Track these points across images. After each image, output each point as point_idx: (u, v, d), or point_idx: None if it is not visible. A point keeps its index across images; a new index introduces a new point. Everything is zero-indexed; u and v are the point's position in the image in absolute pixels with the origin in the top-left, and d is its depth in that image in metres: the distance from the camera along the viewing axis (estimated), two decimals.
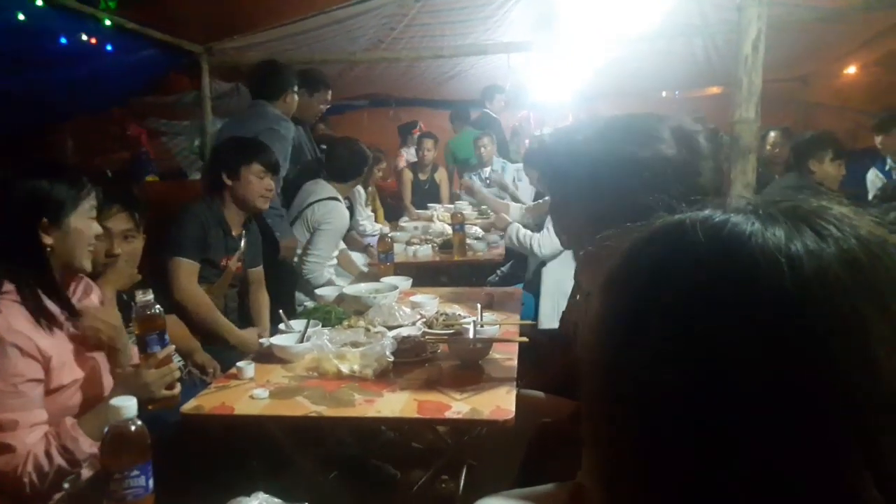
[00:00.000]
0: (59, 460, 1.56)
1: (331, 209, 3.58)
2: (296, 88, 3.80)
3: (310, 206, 3.56)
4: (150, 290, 1.75)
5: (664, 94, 8.67)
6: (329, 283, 3.47)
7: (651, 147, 1.13)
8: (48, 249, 1.65)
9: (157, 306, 1.74)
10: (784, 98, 7.03)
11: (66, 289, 1.76)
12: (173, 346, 1.83)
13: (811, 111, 7.58)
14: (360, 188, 5.05)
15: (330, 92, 4.33)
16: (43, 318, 1.63)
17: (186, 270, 2.69)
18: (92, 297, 1.89)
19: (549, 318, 3.25)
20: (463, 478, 2.58)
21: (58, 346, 1.66)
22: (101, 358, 1.81)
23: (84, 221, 1.71)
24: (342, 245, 3.90)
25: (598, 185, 1.15)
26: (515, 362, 2.15)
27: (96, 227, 1.76)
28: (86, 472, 1.66)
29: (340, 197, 3.66)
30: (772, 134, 5.22)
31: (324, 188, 3.65)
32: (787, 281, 0.44)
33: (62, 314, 1.70)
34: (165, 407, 1.75)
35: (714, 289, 0.46)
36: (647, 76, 6.87)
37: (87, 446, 1.60)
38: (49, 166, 1.74)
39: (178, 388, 1.77)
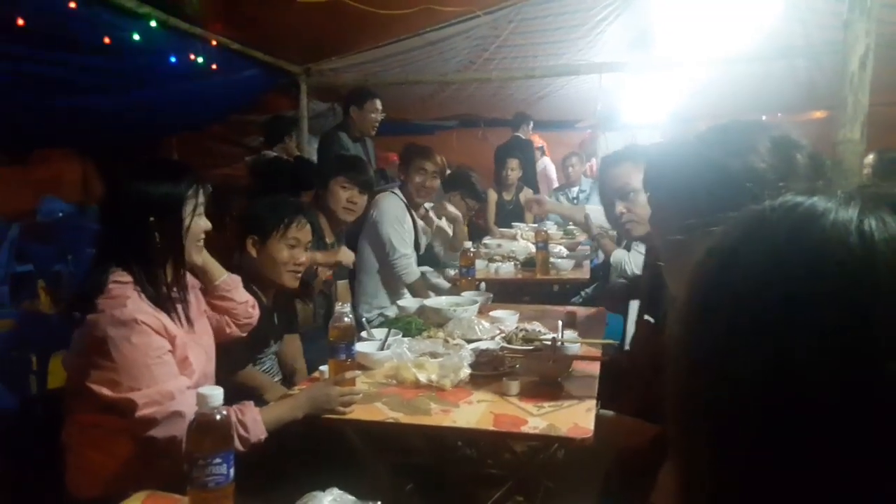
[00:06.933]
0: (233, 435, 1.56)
1: (382, 198, 3.72)
2: None
3: (374, 204, 3.67)
4: (348, 304, 2.00)
5: (764, 117, 8.37)
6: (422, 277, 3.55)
7: (742, 157, 1.07)
8: (157, 244, 1.74)
9: (351, 317, 1.98)
10: (890, 123, 6.62)
11: (176, 281, 1.83)
12: (359, 372, 2.05)
13: None
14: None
15: (378, 101, 4.48)
16: (161, 301, 1.74)
17: None
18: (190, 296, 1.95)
19: None
20: (539, 500, 2.53)
21: (176, 327, 1.76)
22: (207, 344, 1.90)
23: (191, 218, 1.80)
24: (421, 269, 3.93)
25: (692, 191, 1.11)
26: (597, 381, 2.10)
27: (205, 224, 1.85)
28: None
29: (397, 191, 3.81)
30: (870, 157, 4.90)
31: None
32: (855, 248, 0.43)
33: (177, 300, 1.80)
34: None
35: (783, 263, 0.45)
36: (745, 98, 6.65)
37: (260, 432, 1.67)
38: (158, 167, 1.83)
39: (352, 408, 1.89)
